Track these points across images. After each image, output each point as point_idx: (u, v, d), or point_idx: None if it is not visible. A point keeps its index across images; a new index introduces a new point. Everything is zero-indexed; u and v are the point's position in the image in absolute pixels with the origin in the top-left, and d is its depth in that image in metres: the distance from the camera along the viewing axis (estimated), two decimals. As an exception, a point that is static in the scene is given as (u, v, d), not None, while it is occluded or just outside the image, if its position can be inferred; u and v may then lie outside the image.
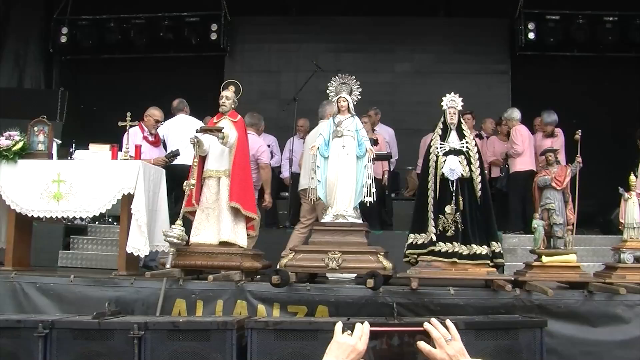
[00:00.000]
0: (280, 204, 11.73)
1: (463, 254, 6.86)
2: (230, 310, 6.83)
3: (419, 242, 7.01)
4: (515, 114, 11.28)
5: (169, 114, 10.45)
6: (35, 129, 8.21)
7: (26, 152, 8.01)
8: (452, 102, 7.22)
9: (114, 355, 6.00)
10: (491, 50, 15.45)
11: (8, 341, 6.17)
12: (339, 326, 2.57)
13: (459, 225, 6.91)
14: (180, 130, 9.80)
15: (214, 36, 15.21)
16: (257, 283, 7.11)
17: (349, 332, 2.54)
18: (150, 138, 9.40)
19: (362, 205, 7.48)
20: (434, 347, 2.52)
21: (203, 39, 15.36)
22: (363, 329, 2.54)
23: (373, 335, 2.55)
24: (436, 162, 7.04)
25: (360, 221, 7.41)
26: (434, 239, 6.93)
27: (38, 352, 6.03)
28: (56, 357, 6.06)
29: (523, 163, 10.91)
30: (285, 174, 11.55)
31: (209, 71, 15.48)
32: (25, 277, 7.43)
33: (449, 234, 6.92)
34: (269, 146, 11.72)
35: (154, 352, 5.90)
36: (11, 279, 7.34)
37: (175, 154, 9.28)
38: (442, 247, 6.90)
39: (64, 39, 15.99)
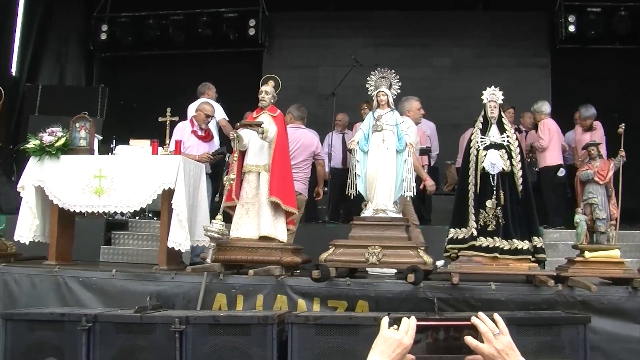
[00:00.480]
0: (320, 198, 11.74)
1: (504, 248, 6.78)
2: (271, 304, 6.84)
3: (459, 237, 6.95)
4: (545, 107, 11.17)
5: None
6: (77, 125, 8.29)
7: (68, 148, 8.08)
8: (492, 96, 7.14)
9: (155, 349, 6.05)
10: (531, 43, 15.32)
11: (53, 334, 6.27)
12: (385, 320, 2.54)
13: (500, 220, 6.84)
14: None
15: (252, 32, 15.29)
16: (297, 278, 7.11)
17: (395, 326, 2.51)
18: (199, 132, 9.38)
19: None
20: (482, 341, 2.49)
21: (241, 34, 15.45)
22: (409, 324, 2.51)
23: (419, 330, 2.52)
24: (477, 156, 6.97)
25: (400, 216, 7.37)
26: (475, 233, 6.86)
27: (82, 345, 6.11)
28: (99, 350, 6.13)
29: (552, 157, 10.82)
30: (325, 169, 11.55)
31: (247, 67, 15.56)
32: (68, 271, 7.51)
33: (489, 228, 6.84)
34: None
35: (195, 346, 5.93)
36: (55, 273, 7.43)
37: (221, 152, 9.33)
38: (483, 242, 6.83)
39: (103, 37, 16.22)
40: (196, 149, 9.22)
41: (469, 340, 2.49)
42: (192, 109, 10.23)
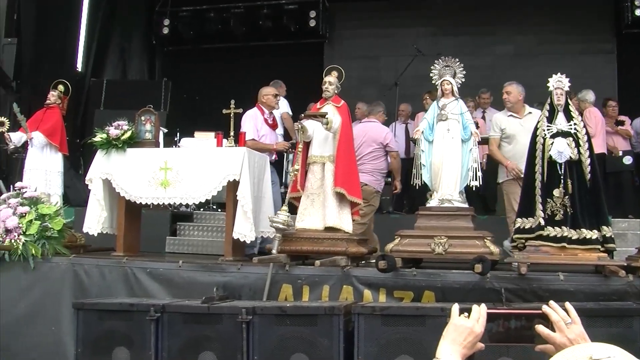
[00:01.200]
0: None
1: (572, 238, 6.65)
2: (336, 295, 6.82)
3: (526, 227, 6.84)
4: (589, 95, 10.98)
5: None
6: (143, 118, 8.39)
7: (134, 141, 8.21)
8: (558, 83, 7.00)
9: (222, 340, 6.11)
10: (595, 29, 14.99)
11: (122, 324, 6.38)
12: (455, 308, 2.52)
13: (568, 209, 6.71)
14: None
15: (312, 23, 15.29)
16: (363, 268, 7.08)
17: (466, 314, 2.49)
18: (269, 121, 9.39)
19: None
20: (553, 330, 2.46)
21: (302, 26, 15.47)
22: (480, 311, 2.49)
23: (490, 318, 2.50)
24: (543, 144, 6.85)
25: (466, 205, 7.30)
26: (542, 223, 6.74)
27: (150, 334, 6.21)
28: (167, 340, 6.22)
29: (597, 146, 10.60)
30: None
31: (308, 58, 15.58)
32: (136, 262, 7.61)
33: (557, 218, 6.72)
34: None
35: (262, 337, 5.97)
36: (123, 264, 7.54)
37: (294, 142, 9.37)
38: (551, 231, 6.70)
39: (165, 31, 16.44)
40: (269, 138, 9.25)
41: (541, 329, 2.46)
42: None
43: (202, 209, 10.88)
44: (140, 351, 6.26)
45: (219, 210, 10.81)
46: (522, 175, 7.41)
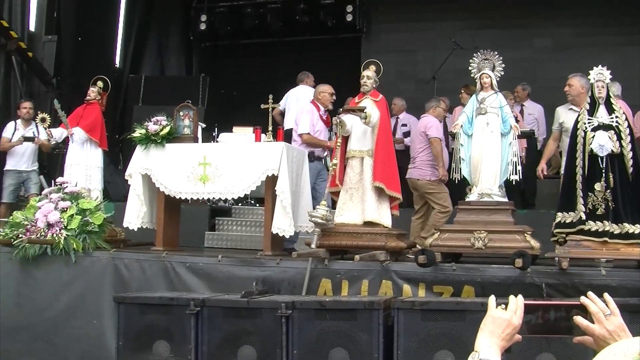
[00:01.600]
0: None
1: (614, 233, 6.56)
2: (376, 290, 6.81)
3: (567, 221, 6.77)
4: (615, 87, 10.79)
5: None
6: (181, 113, 8.43)
7: (173, 136, 8.24)
8: (600, 76, 6.91)
9: (261, 334, 6.14)
10: (635, 20, 14.73)
11: (162, 317, 6.44)
12: (492, 300, 2.48)
13: (610, 203, 6.63)
14: (299, 99, 9.92)
15: (349, 17, 15.26)
16: (402, 263, 7.05)
17: (503, 305, 2.46)
18: (324, 117, 9.34)
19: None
20: (592, 322, 2.43)
21: (339, 20, 15.45)
22: (518, 303, 2.45)
23: (528, 310, 2.47)
24: (584, 137, 6.76)
25: (506, 200, 7.25)
26: (584, 217, 6.66)
27: (190, 328, 6.26)
28: (207, 334, 6.26)
29: None
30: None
31: (345, 53, 15.54)
32: (175, 257, 7.66)
33: (599, 212, 6.64)
34: (405, 125, 11.70)
35: (301, 331, 5.98)
36: (162, 258, 7.59)
37: None
38: (592, 226, 6.62)
39: (203, 27, 16.52)
40: (323, 134, 9.24)
41: (579, 320, 2.43)
42: (293, 94, 10.34)
43: (240, 204, 10.92)
44: (180, 345, 6.31)
45: (257, 205, 10.84)
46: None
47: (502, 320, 2.41)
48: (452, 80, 11.85)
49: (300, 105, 9.97)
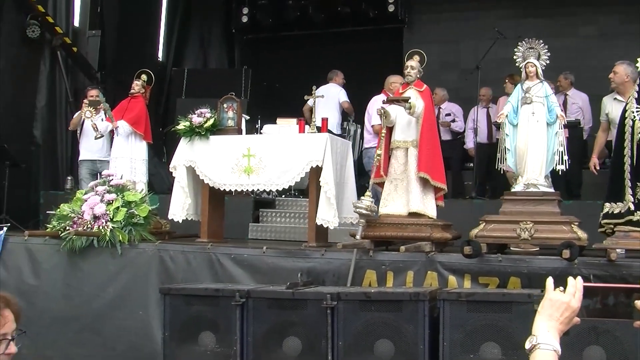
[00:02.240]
0: (465, 174, 11.59)
1: (664, 223, 6.47)
2: (421, 281, 6.77)
3: (615, 212, 6.65)
4: None
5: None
6: (225, 105, 8.45)
7: (217, 129, 8.25)
8: (647, 63, 6.81)
9: (307, 325, 6.14)
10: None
11: (208, 309, 6.46)
12: (550, 282, 2.46)
13: (659, 194, 6.53)
14: (326, 97, 9.91)
15: (391, 8, 15.15)
16: (447, 254, 7.00)
17: (562, 288, 2.42)
18: None
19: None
20: None
21: (380, 11, 15.34)
22: (577, 285, 2.41)
23: (587, 293, 2.42)
24: (632, 127, 6.64)
25: (552, 190, 7.16)
26: (632, 208, 6.55)
27: (235, 319, 6.27)
28: (252, 325, 6.27)
29: None
30: (470, 144, 11.40)
31: (387, 43, 15.46)
32: (220, 248, 7.69)
33: (647, 203, 6.54)
34: (448, 114, 11.63)
35: (347, 322, 5.97)
36: (207, 250, 7.63)
37: None
38: (641, 216, 6.54)
39: (244, 19, 16.53)
40: None
41: None
42: (321, 92, 10.35)
43: (283, 196, 10.93)
44: (225, 336, 6.33)
45: (300, 196, 10.84)
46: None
47: (560, 303, 2.39)
48: (494, 70, 11.72)
49: (328, 102, 9.95)
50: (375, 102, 9.02)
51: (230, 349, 6.27)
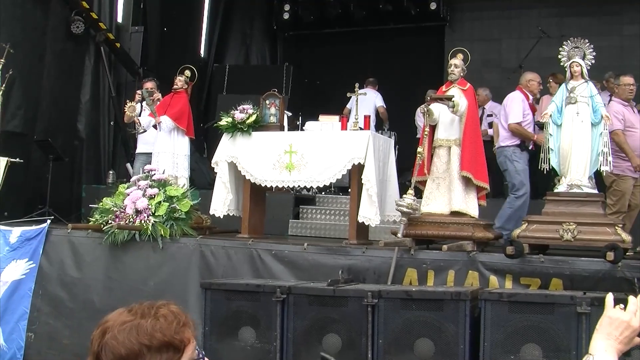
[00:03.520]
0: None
1: None
2: (462, 280, 6.75)
3: (660, 214, 6.60)
4: None
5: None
6: (267, 102, 8.47)
7: (259, 125, 8.28)
8: (698, 63, 6.71)
9: (347, 322, 6.14)
10: None
11: (248, 304, 6.49)
12: (610, 298, 2.35)
13: None
14: (363, 101, 9.89)
15: (433, 6, 15.06)
16: (489, 254, 6.96)
17: (621, 305, 2.32)
18: (535, 105, 9.01)
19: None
20: None
21: (422, 9, 15.25)
22: (638, 304, 2.31)
23: None
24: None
25: (596, 191, 7.08)
26: (678, 210, 6.50)
27: (276, 315, 6.29)
28: (292, 321, 6.28)
29: None
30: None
31: (429, 41, 15.40)
32: (261, 244, 7.73)
33: (694, 206, 6.46)
34: (490, 115, 11.52)
35: (387, 320, 5.96)
36: (248, 245, 7.67)
37: None
38: (688, 219, 6.46)
39: (286, 16, 16.55)
40: (531, 126, 8.85)
41: None
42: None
43: (324, 192, 10.93)
44: (265, 331, 6.36)
45: (340, 193, 10.84)
46: None
47: (620, 322, 2.30)
48: (536, 69, 11.57)
49: (363, 106, 9.91)
50: (516, 100, 8.70)
51: (270, 345, 6.30)
